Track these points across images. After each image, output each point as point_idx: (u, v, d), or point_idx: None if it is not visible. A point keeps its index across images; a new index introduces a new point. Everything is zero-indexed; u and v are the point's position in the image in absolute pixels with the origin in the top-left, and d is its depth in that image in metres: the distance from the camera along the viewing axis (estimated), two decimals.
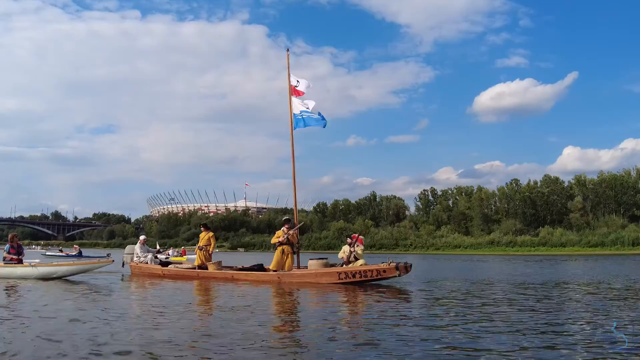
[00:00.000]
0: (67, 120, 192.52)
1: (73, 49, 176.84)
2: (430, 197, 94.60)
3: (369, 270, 11.28)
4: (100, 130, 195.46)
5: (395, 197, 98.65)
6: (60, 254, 39.17)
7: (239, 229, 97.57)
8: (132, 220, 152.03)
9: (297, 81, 14.31)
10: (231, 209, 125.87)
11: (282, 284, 11.88)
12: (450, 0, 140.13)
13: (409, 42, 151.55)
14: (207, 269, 14.06)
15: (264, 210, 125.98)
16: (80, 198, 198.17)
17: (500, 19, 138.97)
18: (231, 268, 14.47)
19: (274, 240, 13.03)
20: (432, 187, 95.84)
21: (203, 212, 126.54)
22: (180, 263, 16.40)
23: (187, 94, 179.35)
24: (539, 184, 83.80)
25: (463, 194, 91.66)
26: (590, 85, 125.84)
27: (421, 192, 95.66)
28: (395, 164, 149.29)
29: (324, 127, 14.13)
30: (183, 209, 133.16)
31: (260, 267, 13.63)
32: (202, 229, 15.43)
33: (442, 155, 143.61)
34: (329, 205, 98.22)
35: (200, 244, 14.92)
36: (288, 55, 14.68)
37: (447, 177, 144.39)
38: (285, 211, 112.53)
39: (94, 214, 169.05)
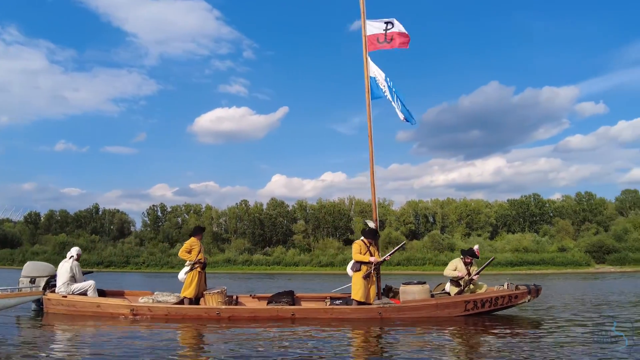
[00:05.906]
0: None
1: None
2: (159, 213, 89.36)
3: (500, 297, 9.87)
4: None
5: (119, 211, 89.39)
6: None
7: None
8: None
9: (385, 23, 9.69)
10: None
11: (384, 320, 8.87)
12: (179, 18, 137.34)
13: (134, 52, 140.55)
14: (196, 302, 9.67)
15: None
16: None
17: (226, 47, 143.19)
18: (231, 299, 10.16)
19: (359, 257, 9.21)
20: (161, 203, 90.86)
21: None
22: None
23: None
24: (264, 206, 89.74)
25: (192, 211, 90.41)
26: (299, 121, 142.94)
27: (149, 208, 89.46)
28: (108, 175, 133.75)
29: (413, 123, 9.98)
30: None
31: (292, 297, 10.02)
32: (195, 236, 9.97)
33: (158, 171, 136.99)
34: (42, 215, 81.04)
35: (191, 256, 9.70)
36: None
37: (162, 193, 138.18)
38: None
39: None
